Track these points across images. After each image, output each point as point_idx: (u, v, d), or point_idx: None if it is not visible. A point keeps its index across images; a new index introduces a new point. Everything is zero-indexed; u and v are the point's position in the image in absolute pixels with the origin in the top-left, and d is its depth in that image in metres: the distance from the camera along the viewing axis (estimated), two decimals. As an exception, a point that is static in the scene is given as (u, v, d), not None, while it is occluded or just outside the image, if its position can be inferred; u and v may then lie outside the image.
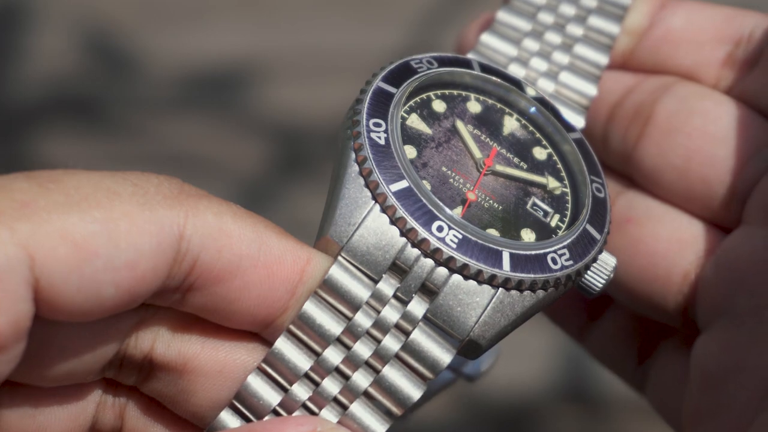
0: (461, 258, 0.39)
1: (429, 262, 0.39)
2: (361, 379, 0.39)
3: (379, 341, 0.39)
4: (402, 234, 0.39)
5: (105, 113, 1.45)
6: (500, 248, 0.40)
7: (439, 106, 0.43)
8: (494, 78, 0.44)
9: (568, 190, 0.43)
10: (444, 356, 0.39)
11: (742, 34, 0.46)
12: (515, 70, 0.46)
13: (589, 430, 1.26)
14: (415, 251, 0.39)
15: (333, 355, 0.39)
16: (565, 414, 1.27)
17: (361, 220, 0.39)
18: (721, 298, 0.43)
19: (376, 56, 1.60)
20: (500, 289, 0.39)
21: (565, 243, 0.41)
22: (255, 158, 1.42)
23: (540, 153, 0.44)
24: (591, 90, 0.46)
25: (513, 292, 0.40)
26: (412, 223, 0.39)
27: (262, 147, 1.43)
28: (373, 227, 0.39)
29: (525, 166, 0.43)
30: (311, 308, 0.38)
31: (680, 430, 0.46)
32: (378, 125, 0.41)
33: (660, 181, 0.46)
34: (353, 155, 0.40)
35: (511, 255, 0.40)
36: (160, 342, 0.38)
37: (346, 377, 0.39)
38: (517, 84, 0.45)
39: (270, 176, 1.41)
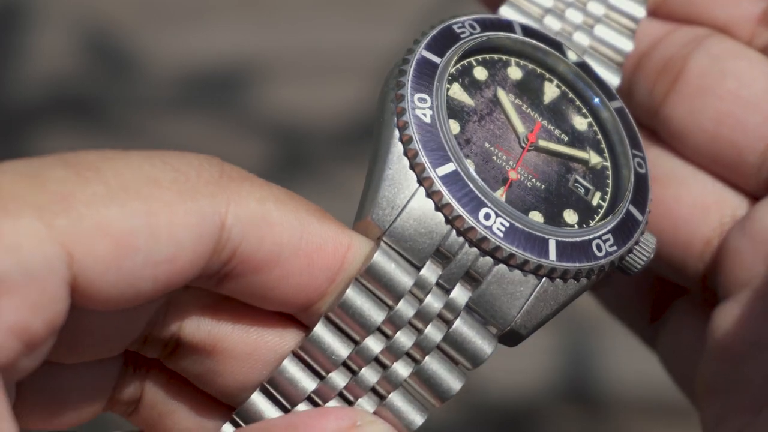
0: (508, 248, 0.38)
1: (474, 251, 0.38)
2: (401, 369, 0.38)
3: (420, 331, 0.38)
4: (447, 221, 0.38)
5: (105, 113, 1.45)
6: (546, 236, 0.39)
7: (480, 73, 0.42)
8: (535, 42, 0.43)
9: (608, 164, 0.42)
10: (486, 347, 0.38)
11: None
12: (550, 23, 0.45)
13: (589, 430, 1.26)
14: (461, 239, 0.38)
15: (373, 345, 0.37)
16: (566, 414, 1.27)
17: (406, 203, 0.38)
18: (745, 269, 0.42)
19: (376, 56, 1.60)
20: (545, 278, 0.39)
21: (609, 228, 0.40)
22: (255, 158, 1.42)
23: (581, 123, 0.43)
24: (627, 45, 0.45)
25: (557, 281, 0.39)
26: (459, 210, 0.38)
27: (262, 147, 1.43)
28: (418, 212, 0.38)
29: (566, 139, 0.42)
30: (353, 296, 0.37)
31: (689, 392, 0.45)
32: (423, 101, 0.39)
33: (688, 142, 0.45)
34: (397, 133, 0.39)
35: (557, 243, 0.39)
36: (189, 322, 0.37)
37: (385, 367, 0.38)
38: (558, 47, 0.43)
39: (270, 176, 1.40)
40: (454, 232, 0.38)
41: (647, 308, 0.48)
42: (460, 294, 0.38)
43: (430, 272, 0.38)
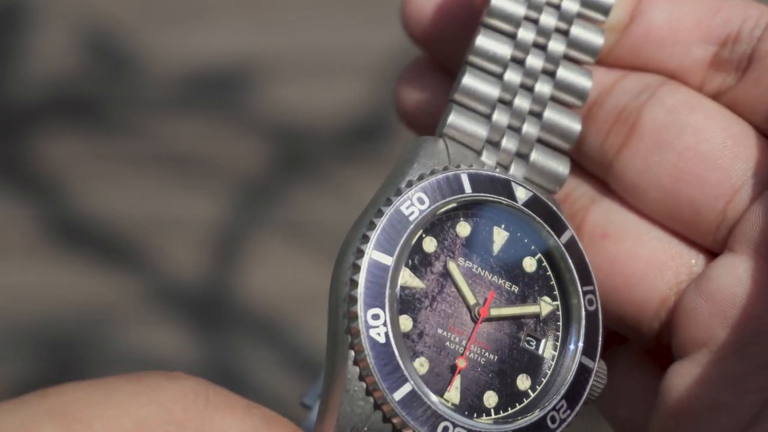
0: None
1: None
2: None
3: None
4: None
5: (105, 113, 1.45)
6: (502, 430, 0.40)
7: (429, 245, 0.42)
8: (482, 196, 0.42)
9: (559, 303, 0.42)
10: None
11: (729, 32, 0.43)
12: (510, 77, 0.44)
13: (588, 430, 1.26)
14: None
15: None
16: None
17: (364, 425, 0.39)
18: (701, 329, 0.41)
19: (376, 56, 1.60)
20: None
21: (562, 393, 0.41)
22: (255, 158, 1.42)
23: (530, 264, 0.43)
24: (587, 84, 0.44)
25: None
26: (418, 430, 0.39)
27: (262, 147, 1.43)
28: None
29: (516, 291, 0.42)
30: None
31: None
32: (376, 317, 0.39)
33: (643, 198, 0.44)
34: (352, 354, 0.39)
35: None
36: None
37: None
38: (506, 186, 0.43)
39: (270, 176, 1.41)
40: None
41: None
42: None
43: None
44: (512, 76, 0.44)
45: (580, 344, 0.42)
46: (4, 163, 1.43)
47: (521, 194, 0.43)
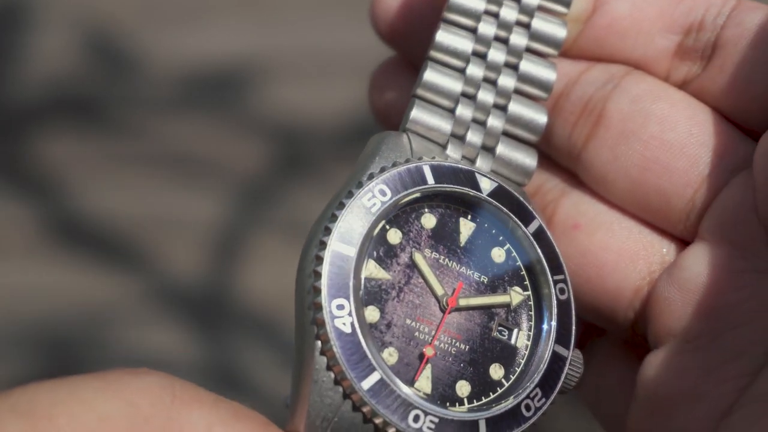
0: None
1: None
2: None
3: None
4: (377, 430, 0.39)
5: (105, 113, 1.45)
6: (476, 418, 0.40)
7: (394, 236, 0.42)
8: (446, 187, 0.42)
9: (530, 292, 0.42)
10: None
11: (693, 21, 0.43)
12: (473, 71, 0.44)
13: (589, 430, 1.26)
14: None
15: None
16: (566, 414, 1.27)
17: (334, 416, 0.39)
18: (675, 319, 0.41)
19: (376, 56, 1.60)
20: None
21: (536, 380, 0.41)
22: (255, 158, 1.42)
23: (499, 255, 0.43)
24: (550, 76, 0.44)
25: None
26: (388, 419, 0.39)
27: (262, 147, 1.43)
28: (348, 422, 0.39)
29: (486, 281, 0.42)
30: None
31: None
32: (341, 307, 0.39)
33: (612, 188, 0.44)
34: (319, 345, 0.39)
35: (487, 420, 0.40)
36: None
37: None
38: (470, 178, 0.42)
39: (270, 176, 1.41)
40: None
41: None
42: None
43: None
44: (474, 70, 0.44)
45: (553, 333, 0.42)
46: (4, 163, 1.43)
47: (486, 185, 0.43)
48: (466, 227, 0.43)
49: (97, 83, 1.47)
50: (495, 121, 0.44)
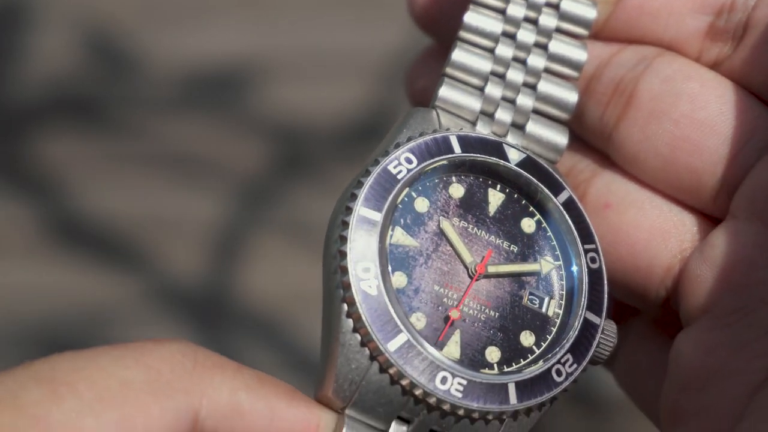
0: (468, 406, 0.39)
1: (435, 413, 0.39)
2: None
3: None
4: (405, 392, 0.39)
5: (105, 113, 1.45)
6: (505, 381, 0.40)
7: (421, 205, 0.42)
8: (473, 156, 0.42)
9: (561, 263, 0.43)
10: None
11: (724, 1, 0.44)
12: (502, 51, 0.44)
13: (589, 430, 1.26)
14: (419, 406, 0.39)
15: None
16: (566, 414, 1.27)
17: (362, 379, 0.39)
18: (705, 296, 0.42)
19: (376, 56, 1.60)
20: (508, 419, 0.40)
21: (567, 347, 0.41)
22: (255, 158, 1.42)
23: (529, 225, 0.43)
24: (581, 56, 0.44)
25: (521, 416, 0.40)
26: (415, 380, 0.39)
27: (262, 147, 1.43)
28: (375, 385, 0.39)
29: (516, 250, 0.42)
30: None
31: (651, 415, 0.45)
32: (367, 270, 0.40)
33: (643, 167, 0.44)
34: (345, 308, 0.39)
35: (517, 385, 0.40)
36: None
37: None
38: (497, 148, 0.43)
39: (270, 176, 1.41)
40: (412, 400, 0.39)
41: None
42: None
43: (396, 429, 0.39)
44: (504, 50, 0.44)
45: (584, 300, 0.41)
46: (4, 163, 1.43)
47: (514, 155, 0.43)
48: (495, 197, 0.43)
49: (97, 83, 1.47)
50: (525, 100, 0.44)
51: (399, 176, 0.41)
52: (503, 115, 0.44)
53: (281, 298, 1.34)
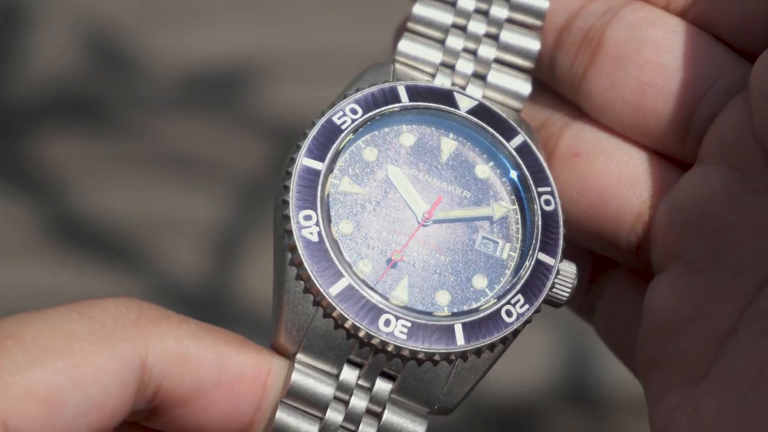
0: (412, 347, 0.39)
1: (382, 356, 0.40)
2: None
3: (355, 431, 0.40)
4: (350, 335, 0.40)
5: (105, 113, 1.45)
6: (452, 323, 0.40)
7: (370, 154, 0.42)
8: (422, 104, 0.43)
9: (516, 207, 0.43)
10: (419, 428, 0.40)
11: None
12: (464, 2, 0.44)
13: (589, 430, 1.26)
14: (366, 348, 0.40)
15: None
16: (566, 414, 1.27)
17: (308, 326, 0.40)
18: (676, 242, 0.42)
19: (376, 56, 1.59)
20: (457, 360, 0.40)
21: (518, 287, 0.41)
22: (255, 158, 1.42)
23: (483, 171, 0.43)
24: (542, 3, 0.44)
25: (471, 357, 0.40)
26: (357, 324, 0.39)
27: (262, 147, 1.43)
28: (322, 330, 0.40)
29: (468, 196, 0.43)
30: (283, 418, 0.39)
31: (629, 365, 0.45)
32: (308, 218, 0.40)
33: (611, 115, 0.44)
34: (289, 256, 0.40)
35: (464, 326, 0.40)
36: None
37: None
38: (447, 97, 0.43)
39: (270, 176, 1.41)
40: (358, 343, 0.40)
41: (581, 282, 0.47)
42: (381, 388, 0.40)
43: (348, 375, 0.40)
44: (465, 2, 0.44)
45: (537, 242, 0.42)
46: (4, 163, 1.43)
47: (465, 103, 0.43)
48: (448, 145, 0.43)
49: (98, 83, 1.47)
50: (486, 50, 0.44)
51: (343, 126, 0.42)
52: (464, 65, 0.44)
53: (281, 298, 1.34)
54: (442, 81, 0.44)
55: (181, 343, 0.38)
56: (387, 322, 0.39)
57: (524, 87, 0.44)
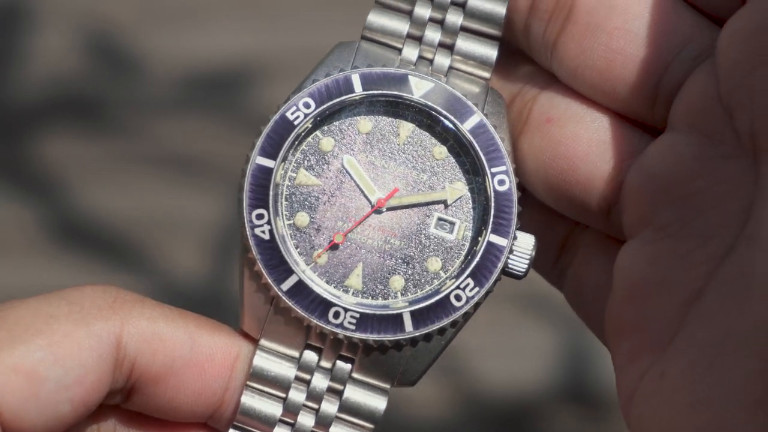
0: (360, 337, 0.41)
1: (338, 343, 0.42)
2: None
3: (317, 409, 0.42)
4: (301, 328, 0.42)
5: (105, 113, 1.45)
6: (400, 311, 0.41)
7: (326, 144, 0.43)
8: (376, 92, 0.43)
9: (470, 188, 0.43)
10: (379, 404, 0.42)
11: None
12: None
13: (588, 430, 1.26)
14: (321, 337, 0.42)
15: None
16: (565, 414, 1.27)
17: (266, 318, 0.42)
18: (645, 208, 0.42)
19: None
20: (407, 346, 0.42)
21: (468, 271, 0.42)
22: (255, 158, 1.42)
23: (439, 152, 0.44)
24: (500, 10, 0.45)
25: (421, 343, 0.42)
26: (308, 318, 0.41)
27: (262, 147, 1.43)
28: (281, 320, 0.42)
29: (425, 178, 0.43)
30: (247, 401, 0.42)
31: (599, 333, 0.46)
32: (260, 217, 0.43)
33: (582, 81, 0.44)
34: (245, 253, 0.43)
35: (412, 313, 0.41)
36: None
37: None
38: (402, 81, 0.43)
39: (270, 176, 1.41)
40: (313, 333, 0.42)
41: (551, 249, 0.48)
42: (341, 367, 0.42)
43: (309, 357, 0.42)
44: None
45: (489, 224, 0.42)
46: (4, 163, 1.43)
47: (420, 86, 0.43)
48: (404, 129, 0.44)
49: (98, 84, 1.47)
50: (453, 17, 0.44)
51: (296, 122, 0.43)
52: (431, 34, 0.44)
53: (281, 298, 1.34)
54: (409, 53, 0.44)
55: (155, 323, 0.41)
56: (336, 315, 0.41)
57: (490, 52, 0.44)
